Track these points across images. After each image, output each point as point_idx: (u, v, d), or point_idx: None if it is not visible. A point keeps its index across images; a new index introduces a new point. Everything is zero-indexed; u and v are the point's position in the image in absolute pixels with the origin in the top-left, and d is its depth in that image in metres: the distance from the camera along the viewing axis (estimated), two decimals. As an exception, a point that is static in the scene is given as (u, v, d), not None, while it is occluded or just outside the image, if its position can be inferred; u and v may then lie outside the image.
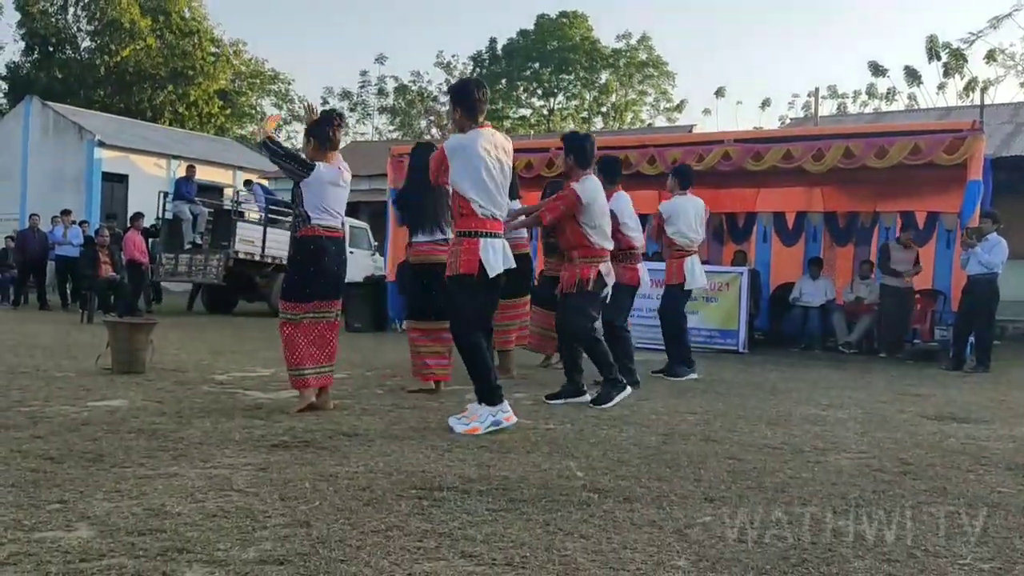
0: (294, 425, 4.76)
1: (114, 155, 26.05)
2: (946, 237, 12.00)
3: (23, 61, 37.88)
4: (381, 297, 12.56)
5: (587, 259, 5.97)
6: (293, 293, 5.39)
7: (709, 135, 13.30)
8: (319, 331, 5.38)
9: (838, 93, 39.62)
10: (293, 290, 5.39)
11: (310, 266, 5.34)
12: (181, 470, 3.66)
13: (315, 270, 5.33)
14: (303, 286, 5.35)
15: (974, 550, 2.90)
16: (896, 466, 4.18)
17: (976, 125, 9.95)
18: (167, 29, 37.37)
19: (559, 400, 6.00)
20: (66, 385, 6.10)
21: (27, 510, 3.01)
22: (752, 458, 4.26)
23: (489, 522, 3.02)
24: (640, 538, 2.91)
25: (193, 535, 2.79)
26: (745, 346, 10.83)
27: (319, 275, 5.34)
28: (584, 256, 5.97)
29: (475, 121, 4.94)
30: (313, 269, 5.33)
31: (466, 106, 4.95)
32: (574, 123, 44.65)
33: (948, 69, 31.84)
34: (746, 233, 13.79)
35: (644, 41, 44.73)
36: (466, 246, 4.87)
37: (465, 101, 4.95)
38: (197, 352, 8.73)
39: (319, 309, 5.38)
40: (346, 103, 45.82)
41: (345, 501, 3.23)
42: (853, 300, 11.75)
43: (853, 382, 7.94)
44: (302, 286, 5.35)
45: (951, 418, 5.84)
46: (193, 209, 16.15)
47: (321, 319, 5.39)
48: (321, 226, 5.32)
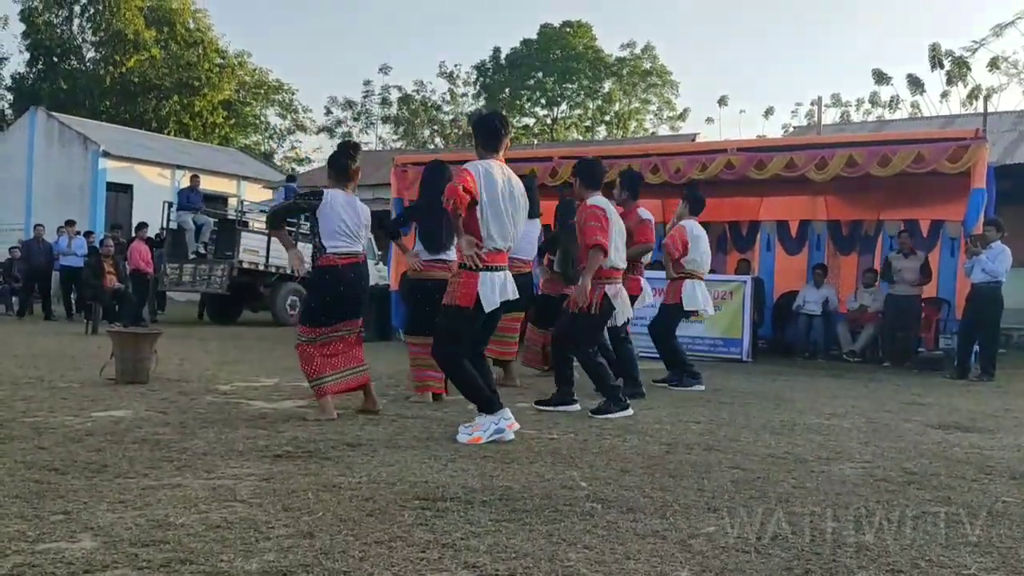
0: (297, 435, 4.77)
1: (119, 165, 26.16)
2: (950, 245, 11.98)
3: (28, 72, 38.10)
4: (385, 307, 12.57)
5: (597, 280, 5.89)
6: (310, 319, 5.53)
7: (712, 144, 13.32)
8: (336, 345, 5.50)
9: (841, 101, 39.57)
10: (311, 316, 5.55)
11: (327, 295, 5.46)
12: (185, 481, 3.67)
13: (332, 298, 5.45)
14: (320, 313, 5.49)
15: (978, 560, 2.89)
16: (900, 475, 4.17)
17: (979, 133, 9.95)
18: (172, 40, 37.58)
19: (548, 407, 6.02)
20: (70, 396, 6.11)
21: (31, 521, 3.01)
22: (756, 467, 4.25)
23: (492, 532, 3.02)
24: (643, 548, 2.90)
25: (196, 546, 2.79)
26: (749, 355, 10.82)
27: (336, 302, 5.46)
28: (595, 277, 5.89)
29: (495, 153, 4.99)
30: (330, 298, 5.46)
31: (486, 137, 4.99)
32: (577, 132, 44.73)
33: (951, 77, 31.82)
34: (750, 242, 13.78)
35: (648, 50, 44.83)
36: (464, 279, 4.88)
37: (485, 133, 5.01)
38: (201, 362, 8.74)
39: (337, 330, 5.51)
40: (349, 112, 45.97)
41: (348, 511, 3.23)
42: (857, 308, 11.73)
43: (857, 391, 7.92)
44: (320, 313, 5.49)
45: (955, 427, 5.83)
46: (197, 219, 16.20)
47: (338, 338, 5.50)
48: (337, 254, 5.39)
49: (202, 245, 16.13)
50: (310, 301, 5.70)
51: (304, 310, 5.77)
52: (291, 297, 15.87)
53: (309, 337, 5.46)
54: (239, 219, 16.51)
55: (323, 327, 5.46)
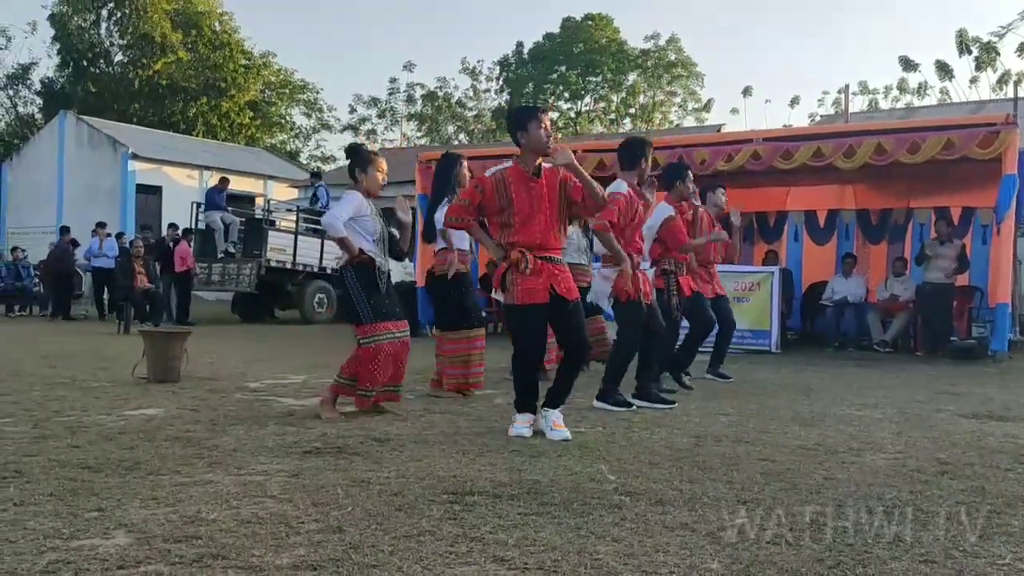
0: (326, 431, 4.80)
1: (148, 167, 26.46)
2: (982, 232, 11.83)
3: (58, 76, 38.58)
4: (411, 303, 12.60)
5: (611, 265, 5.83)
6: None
7: (738, 134, 13.20)
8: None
9: (869, 89, 39.25)
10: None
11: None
12: (216, 477, 3.70)
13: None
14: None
15: (1013, 550, 2.85)
16: (933, 466, 4.12)
17: (1010, 119, 9.79)
18: (199, 42, 37.87)
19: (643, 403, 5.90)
20: (103, 395, 6.20)
21: (65, 518, 3.06)
22: (786, 459, 4.22)
23: (520, 526, 3.02)
24: (672, 541, 2.89)
25: (228, 541, 2.81)
26: (778, 346, 10.74)
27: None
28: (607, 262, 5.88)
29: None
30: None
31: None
32: (601, 125, 44.58)
33: (980, 63, 31.39)
34: (777, 232, 13.68)
35: (673, 42, 44.57)
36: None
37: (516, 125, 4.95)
38: (230, 360, 8.82)
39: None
40: (375, 110, 46.18)
41: (377, 507, 3.25)
42: (888, 298, 11.60)
43: (888, 381, 7.84)
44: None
45: (989, 416, 5.75)
46: (225, 218, 16.35)
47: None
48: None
49: (231, 244, 16.29)
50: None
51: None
52: (319, 295, 15.99)
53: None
54: (266, 218, 16.64)
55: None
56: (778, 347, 10.73)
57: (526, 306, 4.76)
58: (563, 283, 4.80)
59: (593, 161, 11.43)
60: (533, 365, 4.97)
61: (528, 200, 4.79)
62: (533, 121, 4.76)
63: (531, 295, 4.75)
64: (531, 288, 4.75)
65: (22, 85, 39.05)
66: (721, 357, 7.72)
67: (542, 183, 4.82)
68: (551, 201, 4.84)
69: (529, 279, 4.76)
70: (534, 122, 4.75)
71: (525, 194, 4.79)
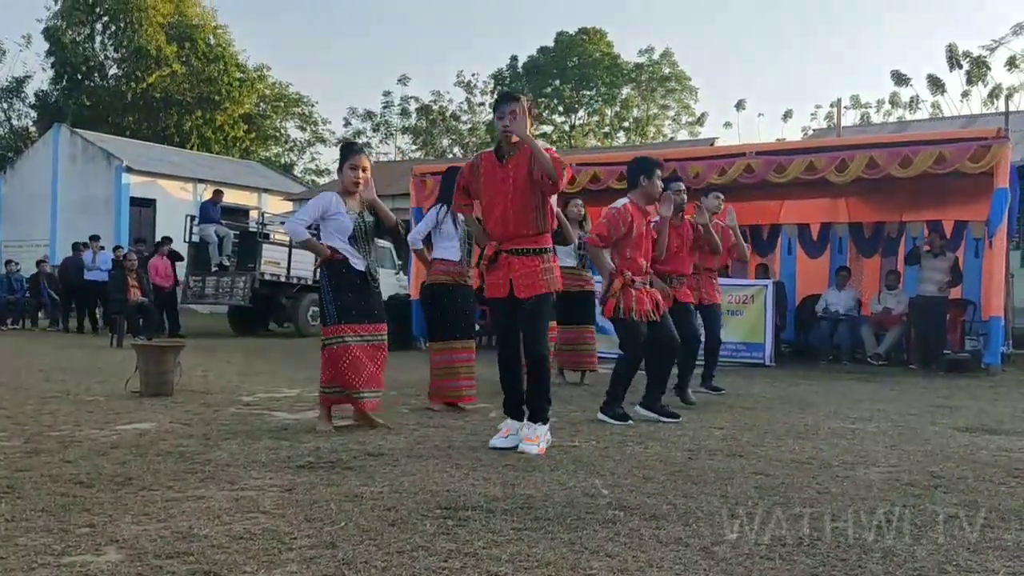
0: (320, 446, 4.78)
1: (142, 180, 26.45)
2: (974, 246, 11.87)
3: (52, 89, 38.54)
4: (405, 316, 12.59)
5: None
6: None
7: (731, 148, 13.26)
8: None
9: (861, 103, 39.40)
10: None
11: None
12: (208, 492, 3.69)
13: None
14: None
15: (1007, 564, 2.85)
16: (926, 479, 4.12)
17: (1001, 133, 9.86)
18: (193, 55, 37.91)
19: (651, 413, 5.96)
20: (96, 409, 6.17)
21: (57, 534, 3.04)
22: (780, 473, 4.22)
23: (514, 541, 3.01)
24: (666, 556, 2.88)
25: (220, 557, 2.80)
26: (771, 359, 10.75)
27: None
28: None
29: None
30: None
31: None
32: (596, 139, 44.72)
33: (971, 77, 31.60)
34: (770, 245, 13.72)
35: (667, 56, 44.77)
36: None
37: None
38: (224, 374, 8.80)
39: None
40: (369, 124, 46.24)
41: (370, 522, 3.24)
42: (881, 311, 11.63)
43: (882, 394, 7.85)
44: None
45: (983, 430, 5.76)
46: (219, 231, 16.32)
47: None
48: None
49: (225, 258, 16.26)
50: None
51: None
52: (313, 308, 15.95)
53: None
54: (260, 231, 16.62)
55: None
56: (772, 360, 10.74)
57: (489, 300, 4.84)
58: (521, 279, 4.64)
59: (587, 175, 11.46)
60: (506, 364, 4.84)
61: (490, 188, 4.73)
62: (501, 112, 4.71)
63: (491, 289, 4.76)
64: (492, 282, 4.75)
65: (16, 98, 39.16)
66: (710, 370, 7.70)
67: (508, 170, 4.67)
68: (517, 188, 4.64)
69: (490, 273, 4.75)
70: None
71: (488, 181, 4.75)
